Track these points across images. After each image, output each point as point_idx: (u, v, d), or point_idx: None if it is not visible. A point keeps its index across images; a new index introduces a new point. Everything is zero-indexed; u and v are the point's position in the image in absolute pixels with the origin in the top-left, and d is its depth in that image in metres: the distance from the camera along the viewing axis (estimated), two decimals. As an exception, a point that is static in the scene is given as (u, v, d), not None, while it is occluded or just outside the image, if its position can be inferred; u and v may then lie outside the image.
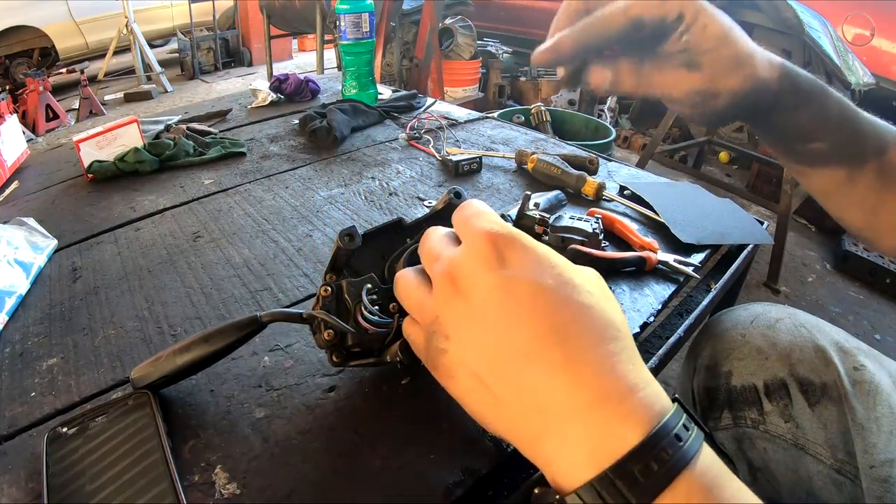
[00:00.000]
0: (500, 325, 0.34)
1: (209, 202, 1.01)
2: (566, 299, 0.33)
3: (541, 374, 0.32)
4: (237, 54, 6.51)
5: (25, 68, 5.21)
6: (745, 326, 0.74)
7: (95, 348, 0.65)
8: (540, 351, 0.32)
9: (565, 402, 0.31)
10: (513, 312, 0.33)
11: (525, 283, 0.34)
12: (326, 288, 0.53)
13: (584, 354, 0.32)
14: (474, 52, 4.27)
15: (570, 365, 0.31)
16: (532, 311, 0.33)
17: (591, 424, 0.30)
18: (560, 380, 0.31)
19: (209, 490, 0.47)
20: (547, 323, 0.33)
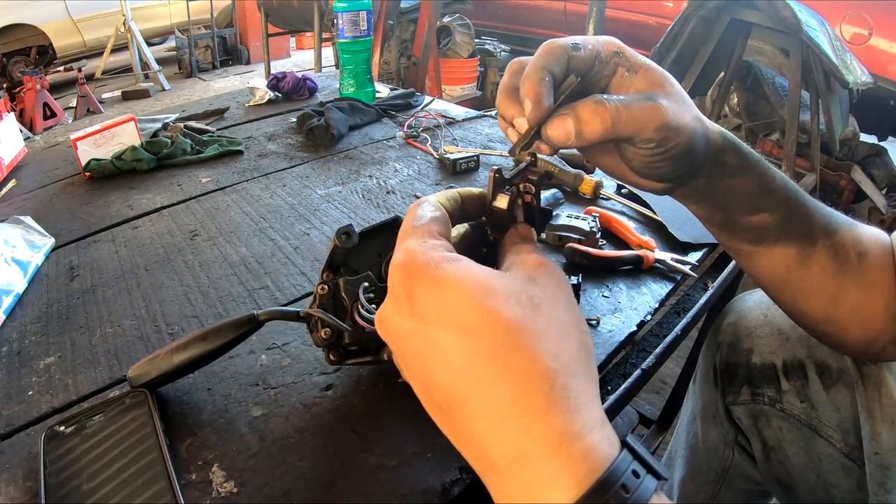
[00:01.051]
0: (423, 373, 0.32)
1: (206, 200, 1.01)
2: (479, 342, 0.29)
3: (465, 424, 0.30)
4: (235, 52, 6.50)
5: (23, 66, 5.20)
6: (767, 307, 0.76)
7: (93, 347, 0.65)
8: (461, 402, 0.30)
9: (493, 456, 0.29)
10: (431, 363, 0.31)
11: (438, 333, 0.30)
12: (323, 286, 0.53)
13: (505, 406, 0.28)
14: (472, 50, 4.27)
15: (492, 419, 0.29)
16: (445, 363, 0.30)
17: (521, 482, 0.28)
18: (484, 432, 0.29)
19: (206, 488, 0.47)
20: (463, 374, 0.30)
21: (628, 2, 4.10)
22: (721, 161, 0.46)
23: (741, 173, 0.47)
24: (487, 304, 0.30)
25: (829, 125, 2.48)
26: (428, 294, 0.31)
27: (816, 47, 2.08)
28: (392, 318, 0.33)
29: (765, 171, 0.48)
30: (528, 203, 0.42)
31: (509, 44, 5.48)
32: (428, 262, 0.32)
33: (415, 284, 0.32)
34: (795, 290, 0.52)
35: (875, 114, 3.11)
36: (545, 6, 4.81)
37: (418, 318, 0.31)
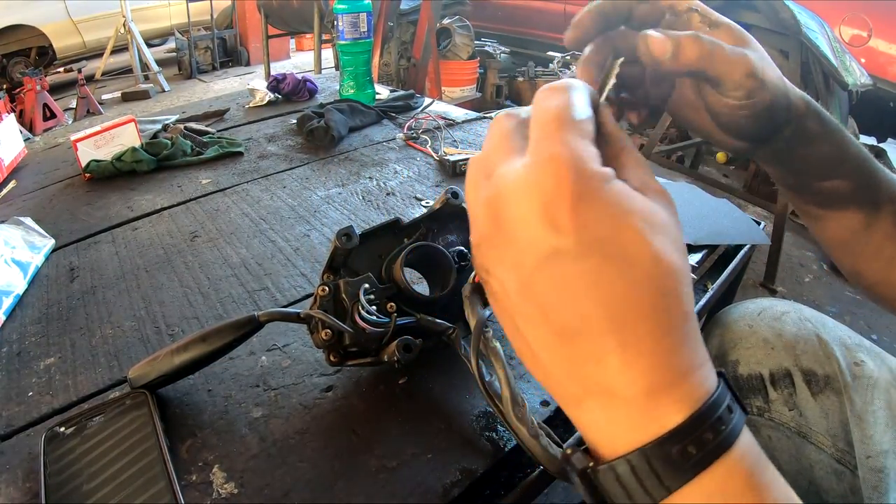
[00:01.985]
0: (549, 295, 0.29)
1: (207, 202, 1.01)
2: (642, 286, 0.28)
3: (590, 354, 0.29)
4: (235, 54, 6.50)
5: (23, 67, 5.20)
6: (752, 318, 0.75)
7: (93, 348, 0.65)
8: (594, 335, 0.28)
9: (611, 386, 0.29)
10: (570, 289, 0.28)
11: (595, 262, 0.28)
12: (324, 287, 0.53)
13: (644, 346, 0.28)
14: (472, 51, 4.27)
15: (622, 354, 0.28)
16: (594, 295, 0.28)
17: (638, 409, 0.28)
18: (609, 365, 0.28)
19: (207, 489, 0.47)
20: (610, 311, 0.28)
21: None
22: (802, 126, 0.47)
23: (820, 140, 0.48)
24: (655, 244, 0.28)
25: (829, 127, 2.47)
26: (594, 216, 0.28)
27: (816, 49, 2.08)
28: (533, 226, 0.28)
29: (842, 139, 0.49)
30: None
31: (509, 45, 5.48)
32: (596, 176, 0.28)
33: (580, 197, 0.28)
34: (857, 252, 0.54)
35: (874, 116, 3.12)
36: (544, 8, 4.82)
37: (574, 238, 0.28)
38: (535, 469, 0.51)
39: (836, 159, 0.49)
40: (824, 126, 0.48)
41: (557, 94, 0.32)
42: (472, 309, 0.52)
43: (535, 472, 0.50)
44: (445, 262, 0.60)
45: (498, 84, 4.45)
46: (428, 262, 0.61)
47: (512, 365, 0.60)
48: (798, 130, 0.47)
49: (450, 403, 0.56)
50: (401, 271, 0.56)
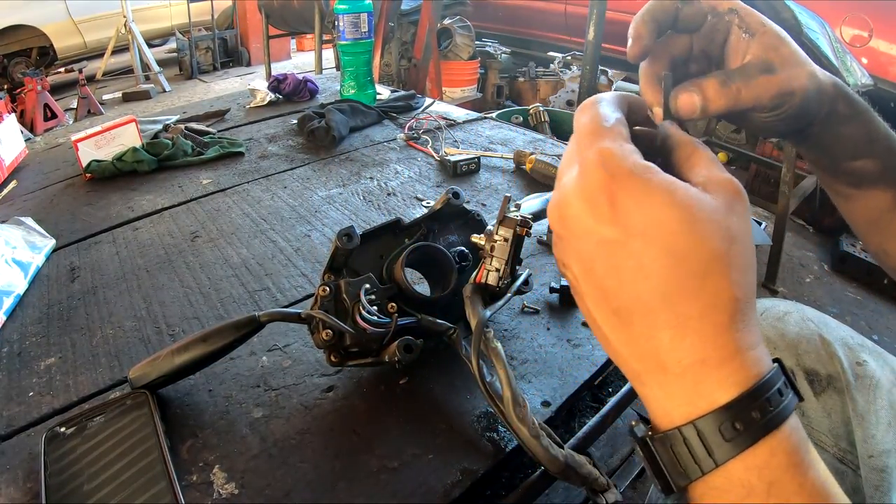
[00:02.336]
0: (606, 278, 0.32)
1: (207, 202, 1.01)
2: (683, 268, 0.31)
3: (642, 331, 0.32)
4: (235, 54, 6.50)
5: (23, 67, 5.20)
6: None
7: (93, 348, 0.65)
8: (644, 313, 0.31)
9: (663, 361, 0.31)
10: (621, 271, 0.32)
11: (638, 246, 0.31)
12: (325, 288, 0.53)
13: (690, 323, 0.31)
14: (472, 52, 4.27)
15: (671, 330, 0.31)
16: (642, 277, 0.31)
17: (687, 382, 0.31)
18: (661, 342, 0.31)
19: (207, 490, 0.47)
20: (657, 291, 0.31)
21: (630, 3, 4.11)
22: (833, 110, 0.48)
23: (850, 121, 0.49)
24: (696, 230, 0.31)
25: (830, 127, 2.47)
26: (634, 204, 0.31)
27: (816, 49, 2.08)
28: (584, 220, 0.32)
29: (871, 120, 0.50)
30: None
31: (510, 46, 5.48)
32: (633, 167, 0.31)
33: (620, 191, 0.31)
34: (885, 231, 0.55)
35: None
36: (545, 8, 4.81)
37: (621, 228, 0.31)
38: (536, 469, 0.50)
39: (865, 139, 0.50)
40: (853, 107, 0.49)
41: (587, 110, 0.36)
42: (472, 309, 0.52)
43: (537, 473, 0.50)
44: (446, 262, 0.60)
45: (499, 84, 4.46)
46: (429, 263, 0.61)
47: (513, 365, 0.60)
48: (829, 114, 0.48)
49: (451, 404, 0.56)
50: (402, 271, 0.56)
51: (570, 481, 0.46)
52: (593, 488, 0.45)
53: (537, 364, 0.61)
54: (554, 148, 1.23)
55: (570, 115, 2.86)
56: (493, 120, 1.46)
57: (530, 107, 2.69)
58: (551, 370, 0.60)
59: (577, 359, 0.62)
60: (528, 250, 0.82)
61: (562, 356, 0.62)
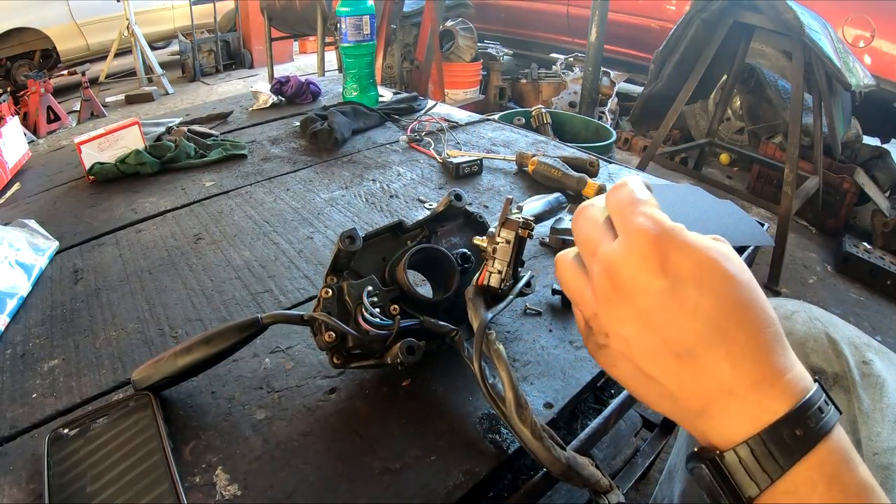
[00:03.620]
0: (666, 327, 0.36)
1: (210, 204, 1.01)
2: (729, 301, 0.36)
3: (705, 366, 0.35)
4: (238, 56, 6.52)
5: (27, 70, 5.21)
6: None
7: (96, 350, 0.65)
8: (705, 348, 0.35)
9: (727, 387, 0.35)
10: (679, 316, 0.36)
11: (691, 290, 0.36)
12: (327, 290, 0.53)
13: (744, 348, 0.35)
14: (475, 54, 4.28)
15: (732, 357, 0.35)
16: (698, 316, 0.35)
17: (750, 401, 0.35)
18: (723, 370, 0.35)
19: (210, 491, 0.47)
20: (713, 325, 0.35)
21: (631, 3, 4.10)
22: None
23: None
24: (731, 268, 0.36)
25: (832, 128, 2.47)
26: (682, 255, 0.36)
27: (819, 50, 2.08)
28: (641, 277, 0.36)
29: None
30: None
31: (512, 47, 5.49)
32: (673, 227, 0.37)
33: (668, 247, 0.36)
34: None
35: (878, 116, 3.11)
36: (547, 10, 4.82)
37: (673, 277, 0.36)
38: (538, 471, 0.50)
39: None
40: None
41: (623, 187, 0.41)
42: (475, 311, 0.52)
43: (539, 475, 0.50)
44: (448, 264, 0.60)
45: (501, 86, 4.46)
46: (431, 265, 0.61)
47: (515, 367, 0.60)
48: None
49: (453, 405, 0.56)
50: (404, 273, 0.56)
51: (572, 483, 0.46)
52: (596, 490, 0.45)
53: (539, 366, 0.61)
54: (556, 150, 1.23)
55: (572, 116, 2.86)
56: (495, 122, 1.46)
57: (533, 108, 2.69)
58: (553, 372, 0.60)
59: (580, 360, 0.62)
60: (530, 252, 0.83)
61: (564, 358, 0.62)
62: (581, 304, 0.41)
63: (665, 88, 2.81)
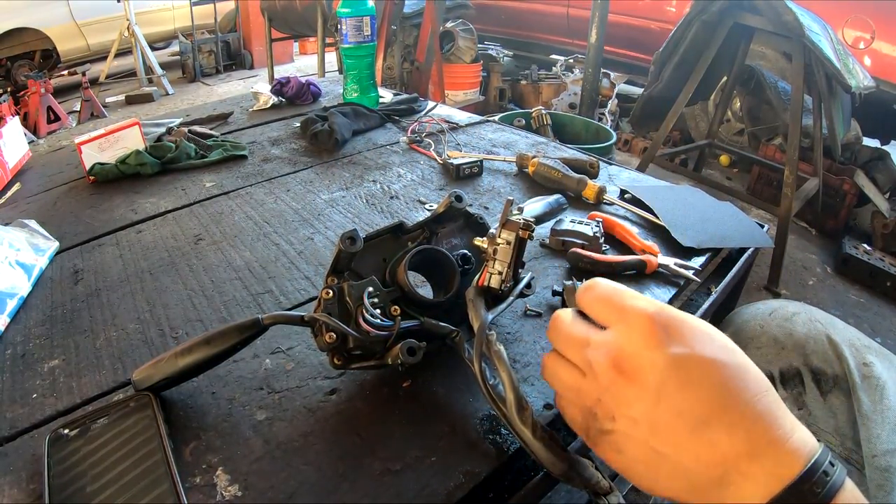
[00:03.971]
0: (678, 399, 0.37)
1: (210, 205, 1.01)
2: (731, 367, 0.38)
3: (719, 434, 0.36)
4: (238, 57, 6.52)
5: (27, 70, 5.21)
6: (763, 318, 0.76)
7: (97, 350, 0.65)
8: (718, 416, 0.36)
9: (742, 452, 0.35)
10: (690, 386, 0.37)
11: (697, 359, 0.37)
12: (328, 290, 0.53)
13: (752, 411, 0.36)
14: (475, 55, 4.28)
15: (744, 422, 0.36)
16: (708, 384, 0.37)
17: (764, 465, 0.35)
18: (737, 436, 0.36)
19: (210, 492, 0.47)
20: (721, 391, 0.37)
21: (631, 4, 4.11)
22: None
23: None
24: (725, 339, 0.40)
25: (832, 129, 2.48)
26: (691, 330, 0.39)
27: (819, 51, 2.08)
28: (645, 353, 0.38)
29: None
30: None
31: (512, 48, 5.49)
32: (666, 308, 0.40)
33: (666, 321, 0.39)
34: None
35: (878, 118, 3.11)
36: (548, 11, 4.82)
37: (688, 346, 0.38)
38: (538, 472, 0.50)
39: None
40: None
41: (598, 284, 0.44)
42: (475, 311, 0.52)
43: (539, 476, 0.50)
44: (449, 265, 0.60)
45: (501, 87, 4.46)
46: (432, 266, 0.61)
47: (515, 368, 0.60)
48: None
49: (454, 406, 0.56)
50: (405, 274, 0.56)
51: (572, 484, 0.46)
52: (596, 491, 0.45)
53: (540, 367, 0.61)
54: (556, 151, 1.23)
55: (572, 117, 2.86)
56: (495, 123, 1.46)
57: (533, 110, 2.70)
58: (554, 373, 0.60)
59: (580, 361, 0.62)
60: (530, 254, 0.83)
61: (564, 359, 0.62)
62: (579, 395, 0.42)
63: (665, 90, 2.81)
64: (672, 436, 0.37)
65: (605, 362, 0.39)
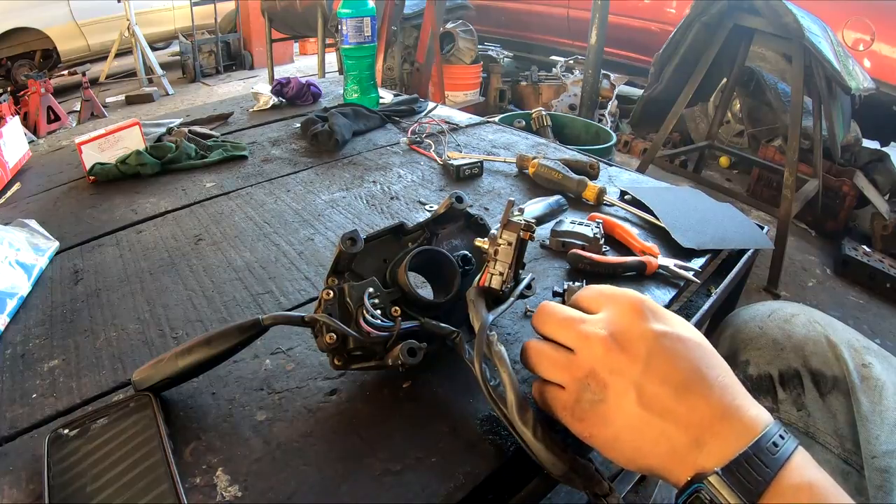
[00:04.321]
0: (664, 367, 0.43)
1: (211, 205, 1.01)
2: (704, 347, 0.44)
3: (698, 399, 0.41)
4: (238, 57, 6.52)
5: (27, 70, 5.22)
6: (762, 319, 0.76)
7: (97, 350, 0.65)
8: (697, 383, 0.42)
9: (712, 416, 0.41)
10: (675, 357, 0.43)
11: (678, 336, 0.44)
12: (328, 291, 0.53)
13: (722, 382, 0.42)
14: (475, 56, 4.28)
15: (716, 389, 0.42)
16: (688, 356, 0.43)
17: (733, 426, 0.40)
18: (713, 400, 0.41)
19: (210, 492, 0.47)
20: (697, 362, 0.43)
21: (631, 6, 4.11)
22: None
23: None
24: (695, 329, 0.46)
25: (832, 131, 2.48)
26: (670, 315, 0.46)
27: (819, 53, 2.08)
28: (637, 325, 0.44)
29: None
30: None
31: (512, 50, 5.49)
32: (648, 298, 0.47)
33: (651, 305, 0.46)
34: None
35: (877, 119, 3.12)
36: (548, 12, 4.82)
37: (666, 324, 0.45)
38: (538, 473, 0.50)
39: None
40: None
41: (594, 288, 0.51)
42: (476, 312, 0.52)
43: (539, 476, 0.50)
44: (450, 266, 0.60)
45: (501, 88, 4.47)
46: (432, 267, 0.61)
47: (515, 369, 0.60)
48: None
49: (454, 407, 0.56)
50: (405, 275, 0.56)
51: (572, 485, 0.46)
52: (595, 492, 0.45)
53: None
54: (557, 152, 1.24)
55: (572, 118, 2.86)
56: (495, 124, 1.46)
57: (533, 111, 2.70)
58: (554, 374, 0.60)
59: (580, 363, 0.62)
60: (530, 255, 0.83)
61: (564, 360, 0.62)
62: (569, 369, 0.46)
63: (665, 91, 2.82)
64: (658, 400, 0.42)
65: (603, 333, 0.44)
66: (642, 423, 0.42)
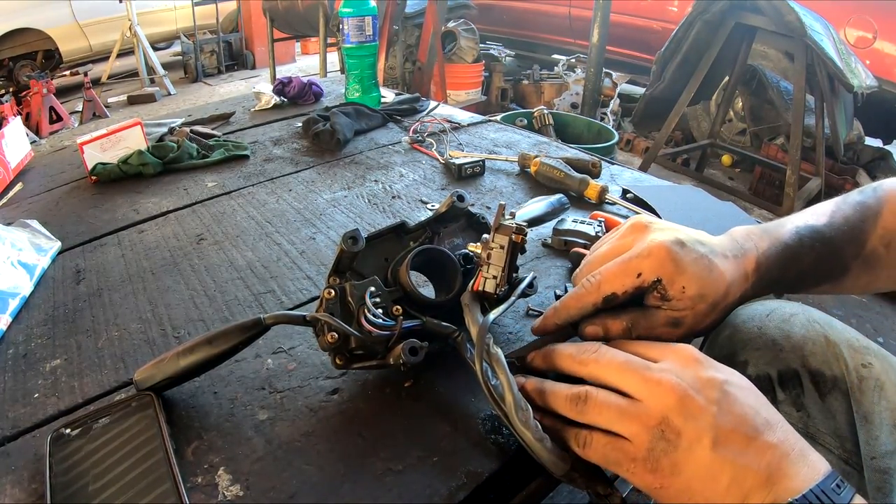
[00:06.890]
0: (735, 409, 0.43)
1: (212, 205, 1.01)
2: (756, 390, 0.46)
3: (770, 439, 0.42)
4: (240, 57, 6.53)
5: (29, 70, 5.23)
6: (761, 319, 0.76)
7: (99, 350, 0.65)
8: (764, 425, 0.43)
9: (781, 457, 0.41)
10: (741, 400, 0.44)
11: (738, 381, 0.45)
12: (330, 290, 0.53)
13: (782, 425, 0.43)
14: (477, 55, 4.28)
15: (782, 432, 0.43)
16: (754, 401, 0.44)
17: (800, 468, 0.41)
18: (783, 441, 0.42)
19: (212, 492, 0.47)
20: (763, 407, 0.44)
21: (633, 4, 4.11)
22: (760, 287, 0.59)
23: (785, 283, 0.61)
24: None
25: (834, 129, 2.47)
26: (720, 364, 0.47)
27: (821, 51, 2.08)
28: (706, 372, 0.45)
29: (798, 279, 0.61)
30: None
31: (514, 49, 5.49)
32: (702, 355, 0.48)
33: (709, 358, 0.47)
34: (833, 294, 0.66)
35: (880, 117, 3.11)
36: (549, 11, 4.82)
37: (727, 373, 0.45)
38: (541, 472, 0.50)
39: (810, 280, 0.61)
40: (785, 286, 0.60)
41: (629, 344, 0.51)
42: (472, 317, 0.52)
43: (541, 476, 0.50)
44: (451, 265, 0.60)
45: (503, 87, 4.46)
46: (434, 266, 0.61)
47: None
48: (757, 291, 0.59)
49: (455, 407, 0.55)
50: (407, 275, 0.56)
51: (574, 485, 0.45)
52: (597, 492, 0.45)
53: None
54: (558, 151, 1.23)
55: (574, 117, 2.86)
56: (497, 123, 1.46)
57: (534, 109, 2.70)
58: (556, 373, 0.60)
59: (582, 362, 0.62)
60: (532, 253, 0.82)
61: (566, 359, 0.62)
62: (639, 418, 0.44)
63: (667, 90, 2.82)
64: (732, 445, 0.42)
65: (675, 379, 0.44)
66: (715, 470, 0.42)
